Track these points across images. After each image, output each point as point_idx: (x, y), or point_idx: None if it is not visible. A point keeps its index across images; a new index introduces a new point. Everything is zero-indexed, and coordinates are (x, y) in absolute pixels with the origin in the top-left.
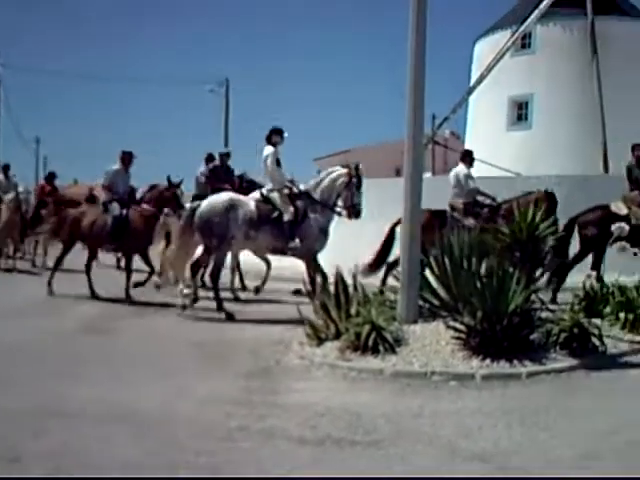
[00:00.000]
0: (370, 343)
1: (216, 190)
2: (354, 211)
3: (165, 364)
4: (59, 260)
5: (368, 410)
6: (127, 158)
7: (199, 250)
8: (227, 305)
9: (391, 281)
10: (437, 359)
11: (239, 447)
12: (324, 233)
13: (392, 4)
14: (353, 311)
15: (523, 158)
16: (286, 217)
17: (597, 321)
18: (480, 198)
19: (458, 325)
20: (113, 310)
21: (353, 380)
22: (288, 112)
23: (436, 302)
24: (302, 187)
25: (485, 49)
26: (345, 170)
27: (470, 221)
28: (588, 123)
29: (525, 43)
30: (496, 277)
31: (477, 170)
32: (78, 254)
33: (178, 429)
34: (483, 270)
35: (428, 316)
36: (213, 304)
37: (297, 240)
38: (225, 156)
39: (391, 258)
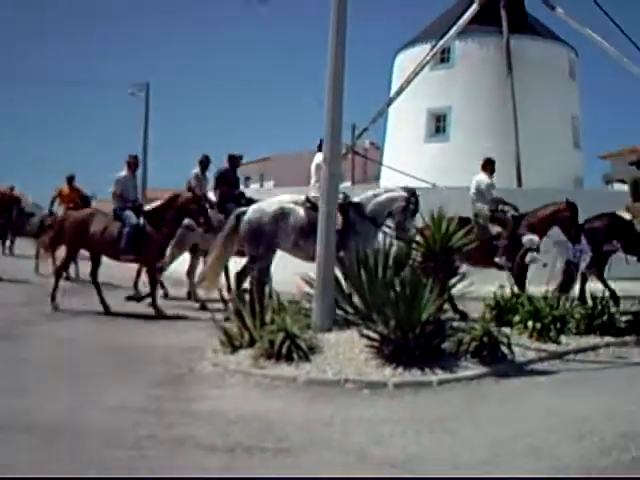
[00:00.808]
0: (284, 351)
1: (227, 197)
2: (401, 235)
3: (74, 371)
4: (61, 269)
5: (280, 418)
6: (133, 162)
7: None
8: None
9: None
10: (350, 367)
11: (147, 456)
12: (371, 245)
13: (313, 11)
14: (268, 319)
15: (440, 169)
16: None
17: (507, 330)
18: (502, 207)
19: (372, 334)
20: (27, 315)
21: (266, 388)
22: (208, 117)
23: (351, 311)
24: (355, 199)
25: (405, 61)
26: (404, 194)
27: (496, 228)
28: (503, 137)
29: (444, 57)
30: (409, 287)
31: (395, 180)
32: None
33: (84, 438)
34: (398, 280)
35: (343, 324)
36: (137, 309)
37: (343, 251)
38: (236, 159)
39: None
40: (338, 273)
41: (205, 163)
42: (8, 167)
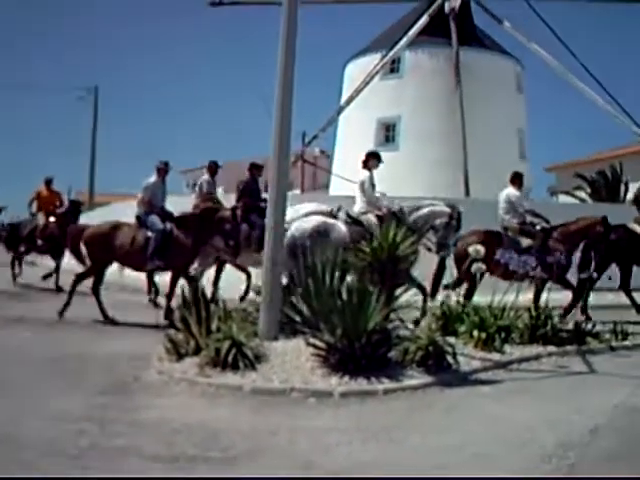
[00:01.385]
0: (230, 359)
1: (251, 208)
2: (441, 249)
3: (15, 380)
4: (76, 283)
5: (225, 427)
6: (163, 168)
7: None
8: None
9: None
10: (297, 376)
11: (88, 466)
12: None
13: (265, 19)
14: (214, 326)
15: (389, 178)
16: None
17: (452, 339)
18: (532, 219)
19: (318, 342)
20: None
21: (212, 396)
22: (158, 123)
23: (298, 319)
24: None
25: (355, 71)
26: (448, 210)
27: (527, 241)
28: (451, 148)
29: (394, 67)
30: (356, 295)
31: (345, 189)
32: None
33: (23, 449)
34: (344, 288)
35: (290, 333)
36: (82, 316)
37: None
38: (258, 168)
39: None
40: (285, 281)
41: (214, 168)
42: None
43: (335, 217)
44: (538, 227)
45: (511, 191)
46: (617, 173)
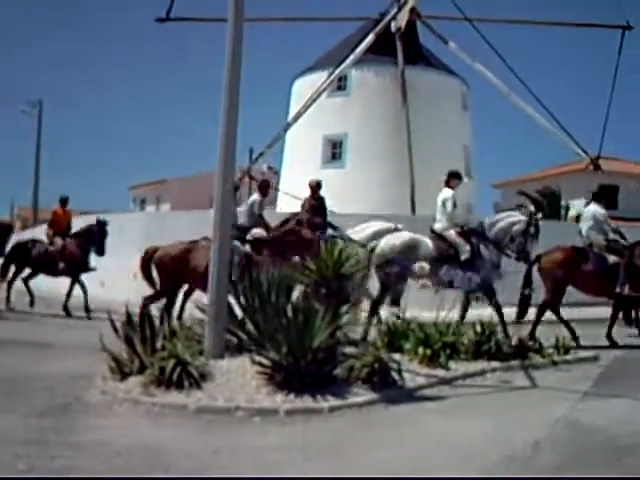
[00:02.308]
0: (175, 378)
1: (315, 226)
2: (523, 256)
3: None
4: (145, 306)
5: (169, 446)
6: (265, 187)
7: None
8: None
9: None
10: (242, 394)
11: None
12: (497, 269)
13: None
14: (159, 345)
15: (336, 196)
16: (463, 256)
17: (397, 356)
18: (615, 237)
19: (263, 360)
20: None
21: (156, 416)
22: (104, 138)
23: (244, 337)
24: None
25: (303, 88)
26: (525, 217)
27: (613, 258)
28: (398, 165)
29: (341, 85)
30: (301, 313)
31: (291, 205)
32: None
33: None
34: (290, 306)
35: (235, 351)
36: (24, 335)
37: (475, 277)
38: (317, 186)
39: None
40: (231, 299)
41: (265, 188)
42: None
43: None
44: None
45: (597, 209)
46: (558, 191)
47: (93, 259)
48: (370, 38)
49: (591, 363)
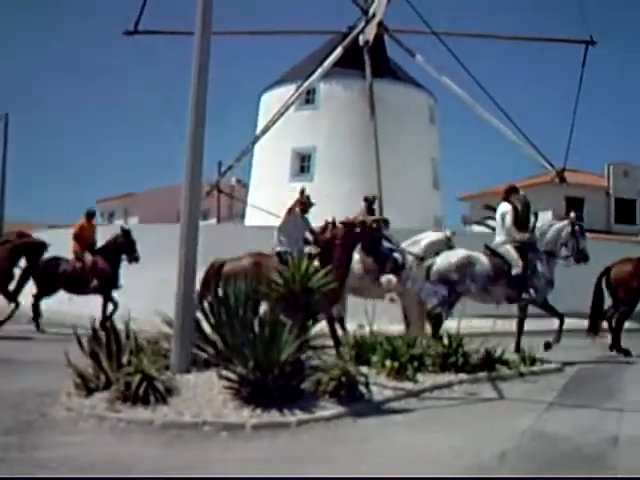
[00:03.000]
0: (141, 393)
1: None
2: (581, 256)
3: None
4: None
5: (134, 463)
6: (304, 201)
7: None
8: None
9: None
10: (209, 409)
11: None
12: (551, 282)
13: (178, 48)
14: (125, 360)
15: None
16: (515, 270)
17: (365, 369)
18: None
19: (230, 375)
20: None
21: (122, 432)
22: (71, 152)
23: (211, 351)
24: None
25: (271, 101)
26: (567, 221)
27: None
28: (366, 177)
29: (309, 98)
30: (268, 327)
31: (260, 218)
32: None
33: None
34: (257, 320)
35: (203, 365)
36: None
37: (531, 291)
38: (373, 200)
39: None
40: (198, 313)
41: (307, 204)
42: None
43: (450, 242)
44: None
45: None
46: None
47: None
48: (338, 51)
49: (556, 374)
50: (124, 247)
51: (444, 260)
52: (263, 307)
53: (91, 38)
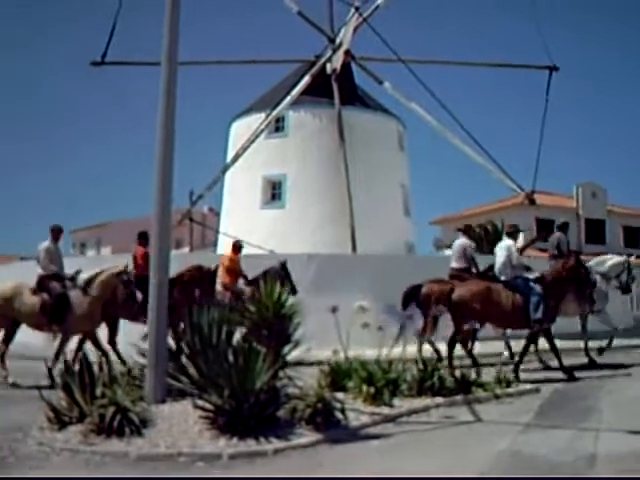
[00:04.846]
0: (115, 425)
1: None
2: (626, 288)
3: None
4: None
5: None
6: (468, 230)
7: None
8: None
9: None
10: (184, 440)
11: None
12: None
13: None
14: (99, 392)
15: (276, 236)
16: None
17: (341, 395)
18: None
19: (206, 404)
20: None
21: (96, 465)
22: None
23: (186, 380)
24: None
25: (241, 129)
26: (623, 258)
27: None
28: (337, 204)
29: (279, 126)
30: (242, 355)
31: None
32: None
33: None
34: (230, 349)
35: (178, 395)
36: None
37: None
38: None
39: None
40: (172, 342)
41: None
42: None
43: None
44: None
45: (510, 244)
46: (497, 226)
47: None
48: (306, 80)
49: (532, 395)
50: (284, 278)
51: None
52: (237, 335)
53: (58, 70)
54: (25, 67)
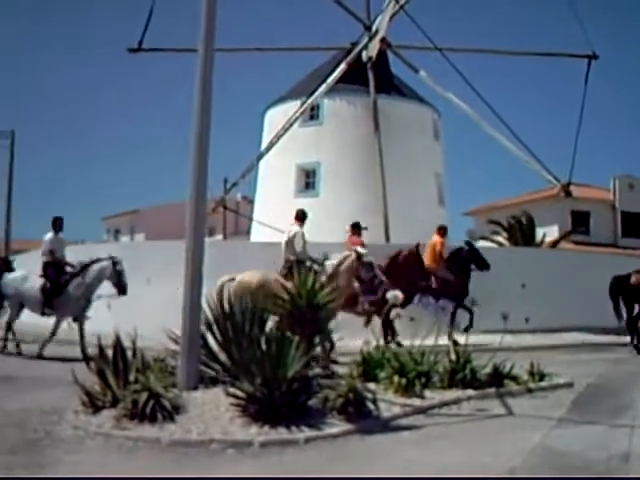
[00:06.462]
0: (148, 411)
1: None
2: None
3: None
4: None
5: None
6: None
7: None
8: None
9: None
10: (216, 426)
11: None
12: None
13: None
14: (132, 377)
15: (310, 224)
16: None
17: (373, 386)
18: None
19: (237, 392)
20: None
21: (129, 450)
22: (76, 170)
23: (218, 368)
24: None
25: (275, 117)
26: None
27: None
28: (371, 193)
29: (313, 114)
30: (275, 344)
31: (266, 235)
32: None
33: None
34: (263, 337)
35: (210, 382)
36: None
37: None
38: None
39: None
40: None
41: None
42: None
43: None
44: None
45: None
46: (531, 218)
47: None
48: (342, 67)
49: (565, 389)
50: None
51: None
52: (270, 324)
53: (95, 55)
54: (61, 49)
